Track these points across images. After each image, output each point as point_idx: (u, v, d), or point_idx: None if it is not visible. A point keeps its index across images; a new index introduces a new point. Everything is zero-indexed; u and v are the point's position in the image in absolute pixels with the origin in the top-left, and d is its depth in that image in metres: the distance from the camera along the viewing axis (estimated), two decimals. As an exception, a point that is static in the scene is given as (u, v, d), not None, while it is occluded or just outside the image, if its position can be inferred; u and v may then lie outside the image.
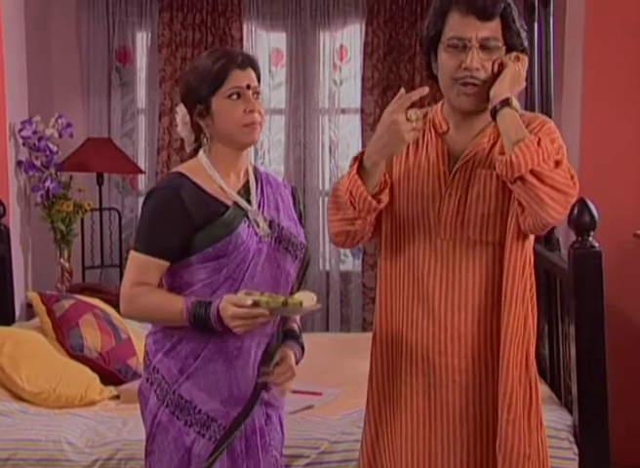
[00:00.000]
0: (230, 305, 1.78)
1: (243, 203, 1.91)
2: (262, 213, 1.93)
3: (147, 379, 1.92)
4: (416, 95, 1.74)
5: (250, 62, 1.91)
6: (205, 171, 1.91)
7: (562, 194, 1.73)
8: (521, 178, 1.71)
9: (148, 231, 1.87)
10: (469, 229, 1.84)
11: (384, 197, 1.83)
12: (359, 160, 1.81)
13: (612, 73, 3.56)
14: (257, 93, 1.91)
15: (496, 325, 1.83)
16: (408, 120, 1.72)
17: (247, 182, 1.96)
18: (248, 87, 1.89)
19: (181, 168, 1.95)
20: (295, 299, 1.81)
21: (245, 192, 1.94)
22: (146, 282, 1.87)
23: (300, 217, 2.05)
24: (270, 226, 1.93)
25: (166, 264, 1.88)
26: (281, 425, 2.00)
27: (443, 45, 1.80)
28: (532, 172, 1.70)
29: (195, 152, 1.97)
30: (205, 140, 1.94)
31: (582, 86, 3.61)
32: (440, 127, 1.88)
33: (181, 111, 1.95)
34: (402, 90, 1.78)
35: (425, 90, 1.74)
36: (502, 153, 1.75)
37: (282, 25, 4.84)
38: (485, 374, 1.85)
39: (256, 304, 1.77)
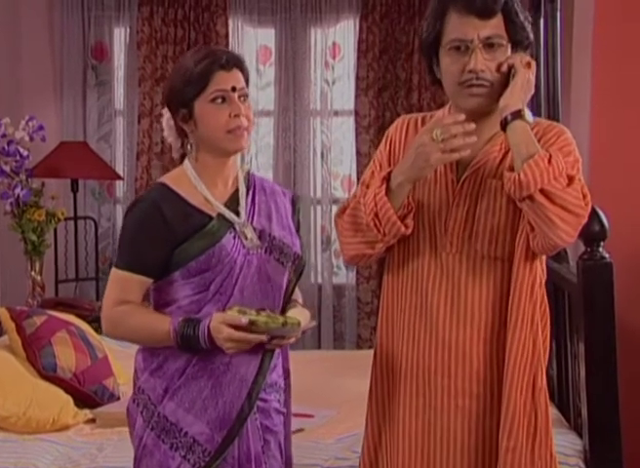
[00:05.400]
0: (224, 326, 1.79)
1: (229, 214, 1.92)
2: (252, 223, 1.94)
3: (134, 400, 1.94)
4: (449, 119, 1.76)
5: (236, 63, 1.91)
6: (189, 180, 1.92)
7: (573, 215, 1.74)
8: (530, 197, 1.72)
9: (129, 247, 1.89)
10: (477, 243, 1.84)
11: (410, 222, 1.84)
12: (386, 180, 1.83)
13: (623, 72, 3.59)
14: (244, 95, 1.90)
15: (503, 346, 1.84)
16: (433, 140, 1.74)
17: (236, 191, 1.96)
18: (233, 89, 1.88)
19: (165, 178, 1.97)
20: (293, 319, 1.82)
21: (233, 202, 1.95)
22: (129, 300, 1.88)
23: (298, 228, 2.05)
24: (261, 237, 1.93)
25: (149, 281, 1.90)
26: (281, 452, 2.00)
27: (444, 48, 1.81)
28: (541, 191, 1.71)
29: (182, 159, 1.98)
30: (189, 147, 1.94)
31: (592, 86, 3.63)
32: None
33: (167, 114, 1.96)
34: (439, 113, 1.81)
35: (462, 116, 1.76)
36: (512, 169, 1.76)
37: (270, 21, 4.86)
38: (490, 400, 1.84)
39: (251, 324, 1.78)
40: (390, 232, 1.83)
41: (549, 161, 1.72)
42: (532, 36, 1.85)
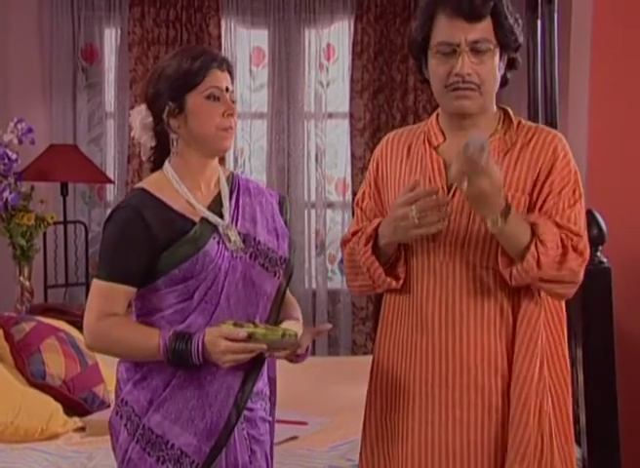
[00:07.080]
0: (221, 339, 1.77)
1: (213, 218, 1.90)
2: (236, 226, 1.93)
3: (117, 412, 1.92)
4: (423, 192, 1.76)
5: (227, 66, 1.94)
6: (171, 184, 1.91)
7: (572, 284, 1.83)
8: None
9: (110, 256, 1.87)
10: (469, 252, 1.85)
11: (401, 271, 1.89)
12: (373, 237, 1.87)
13: (622, 74, 3.60)
14: (233, 98, 1.93)
15: (500, 355, 1.84)
16: (409, 218, 1.76)
17: (219, 193, 1.95)
18: (227, 89, 1.91)
19: (144, 183, 1.94)
20: (291, 330, 1.82)
21: (216, 204, 1.93)
22: (113, 312, 1.86)
23: (287, 229, 2.04)
24: (245, 241, 1.92)
25: (132, 290, 1.87)
26: (267, 462, 1.99)
27: (432, 51, 1.83)
28: (540, 279, 1.79)
29: (161, 163, 1.96)
30: (174, 143, 1.92)
31: (590, 88, 3.64)
32: (435, 139, 1.90)
33: (140, 113, 1.94)
34: (418, 180, 1.83)
35: (435, 189, 1.77)
36: (503, 254, 1.80)
37: (264, 22, 4.86)
38: (488, 411, 1.84)
39: (250, 336, 1.77)
40: (382, 285, 1.91)
41: (538, 264, 1.75)
42: (521, 39, 1.86)
